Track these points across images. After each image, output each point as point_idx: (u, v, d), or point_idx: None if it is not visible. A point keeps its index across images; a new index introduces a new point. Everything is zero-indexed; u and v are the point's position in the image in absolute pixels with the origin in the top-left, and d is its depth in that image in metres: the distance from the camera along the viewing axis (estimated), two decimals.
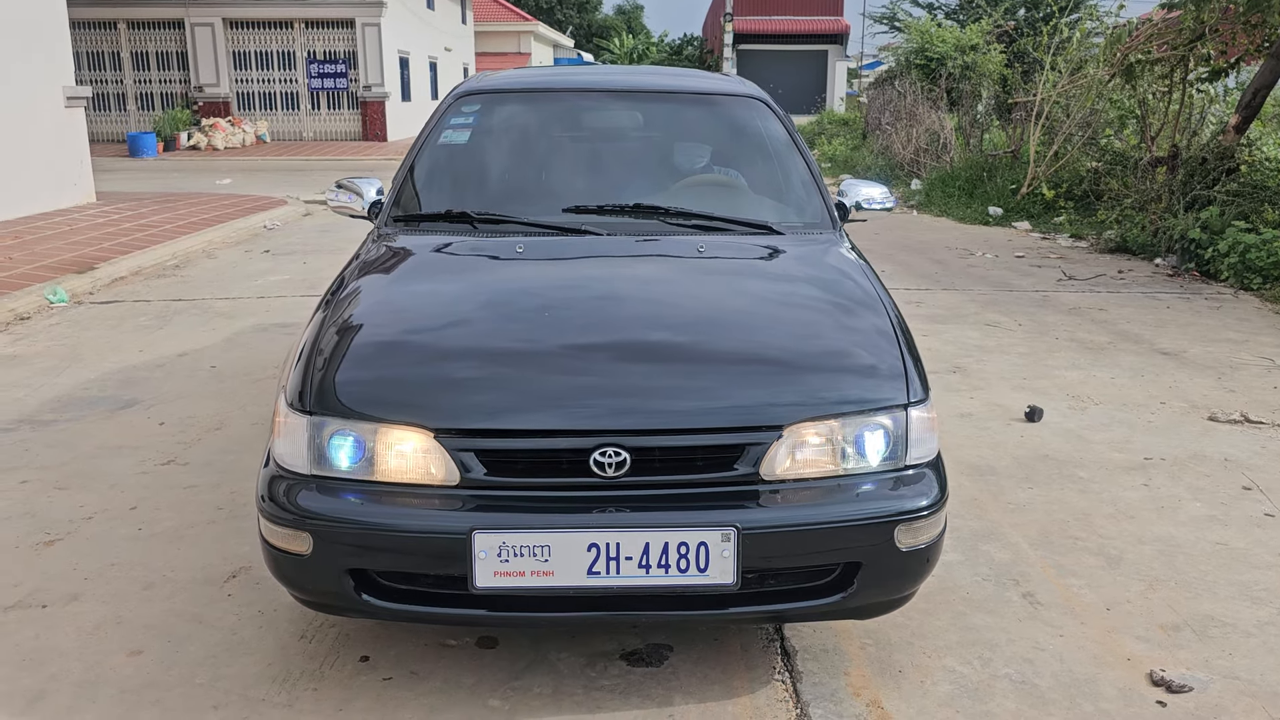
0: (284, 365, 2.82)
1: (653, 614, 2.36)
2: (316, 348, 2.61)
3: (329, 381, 2.48)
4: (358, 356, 2.56)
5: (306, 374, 2.52)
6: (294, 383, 2.53)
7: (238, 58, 24.67)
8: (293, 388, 2.52)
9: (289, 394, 2.51)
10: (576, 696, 2.55)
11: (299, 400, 2.46)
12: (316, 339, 2.64)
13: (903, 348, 2.65)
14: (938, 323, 6.57)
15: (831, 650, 2.75)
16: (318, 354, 2.58)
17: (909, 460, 2.48)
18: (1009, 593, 3.07)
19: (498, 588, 2.27)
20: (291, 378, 2.56)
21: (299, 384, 2.51)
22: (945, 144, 14.22)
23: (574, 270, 3.07)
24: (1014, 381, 5.28)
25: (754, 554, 2.30)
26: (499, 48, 39.61)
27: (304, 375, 2.52)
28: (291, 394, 2.50)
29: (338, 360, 2.54)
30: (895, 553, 2.39)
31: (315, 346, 2.61)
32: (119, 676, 2.64)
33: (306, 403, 2.45)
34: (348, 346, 2.59)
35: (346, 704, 2.52)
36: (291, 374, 2.58)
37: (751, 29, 40.58)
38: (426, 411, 2.38)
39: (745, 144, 3.86)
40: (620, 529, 2.27)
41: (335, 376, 2.49)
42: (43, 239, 9.41)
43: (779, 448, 2.38)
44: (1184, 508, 3.71)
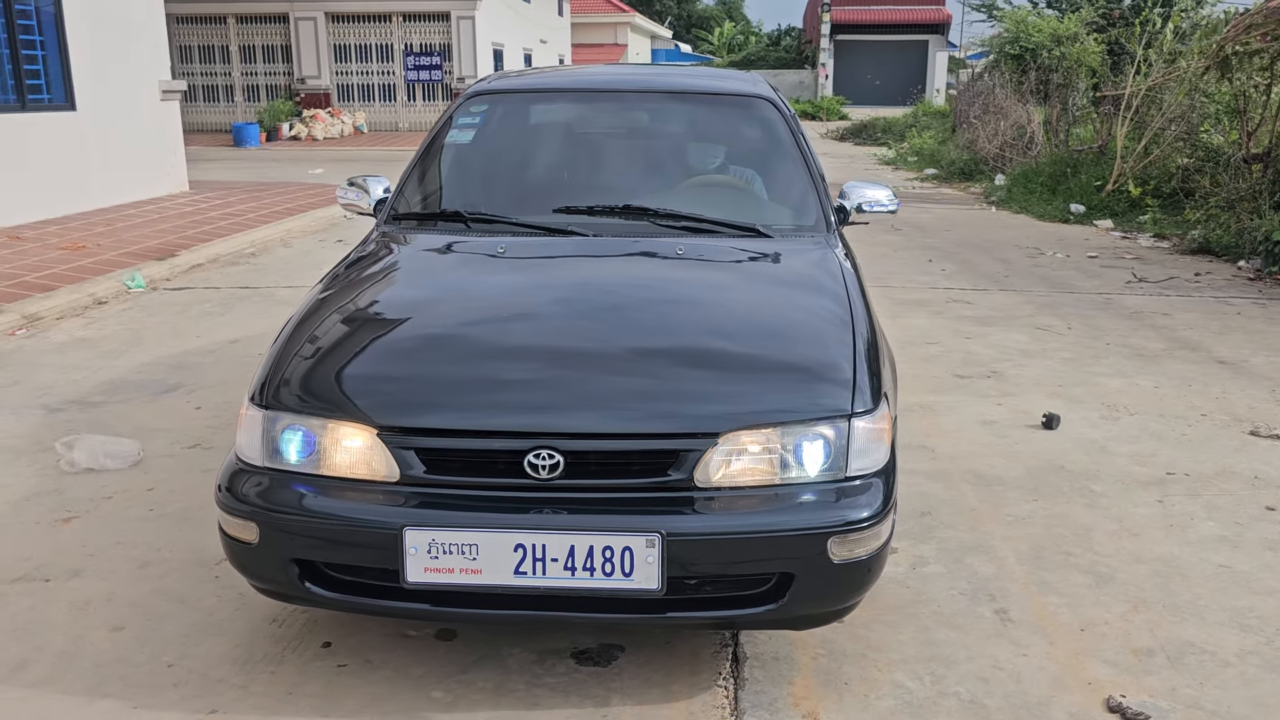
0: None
1: (579, 615, 2.39)
2: (280, 344, 2.71)
3: (283, 377, 2.57)
4: (312, 354, 2.65)
5: (267, 369, 2.62)
6: (257, 377, 2.63)
7: (338, 50, 25.40)
8: (255, 382, 2.62)
9: (252, 388, 2.62)
10: (518, 693, 2.59)
11: (258, 394, 2.57)
12: (281, 335, 2.74)
13: (857, 356, 2.61)
14: (985, 325, 6.40)
15: (782, 659, 2.74)
16: (280, 350, 2.68)
17: (851, 471, 2.44)
18: (982, 608, 3.00)
19: (427, 584, 2.33)
20: (257, 372, 2.66)
21: (260, 378, 2.61)
22: (1031, 138, 13.79)
23: (544, 272, 3.11)
24: (1049, 388, 5.12)
25: (680, 561, 2.31)
26: (595, 39, 39.84)
27: (265, 370, 2.62)
28: (254, 388, 2.60)
29: (293, 357, 2.63)
30: (828, 565, 2.36)
31: (279, 342, 2.71)
32: (96, 651, 2.79)
33: (263, 397, 2.54)
34: (304, 344, 2.68)
35: (297, 689, 2.61)
36: (258, 369, 2.68)
37: (850, 19, 39.96)
38: (370, 409, 2.45)
39: (746, 145, 3.84)
40: (546, 531, 2.30)
41: (289, 373, 2.59)
42: (132, 226, 9.88)
43: (714, 455, 2.38)
44: (1195, 527, 3.56)
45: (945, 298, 7.20)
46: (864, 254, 8.82)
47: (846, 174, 16.12)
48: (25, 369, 5.52)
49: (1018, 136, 14.11)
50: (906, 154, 18.59)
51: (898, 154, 19.00)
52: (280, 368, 2.61)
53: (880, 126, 24.18)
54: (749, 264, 3.19)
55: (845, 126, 26.48)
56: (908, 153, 18.67)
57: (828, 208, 3.57)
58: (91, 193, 10.67)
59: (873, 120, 25.18)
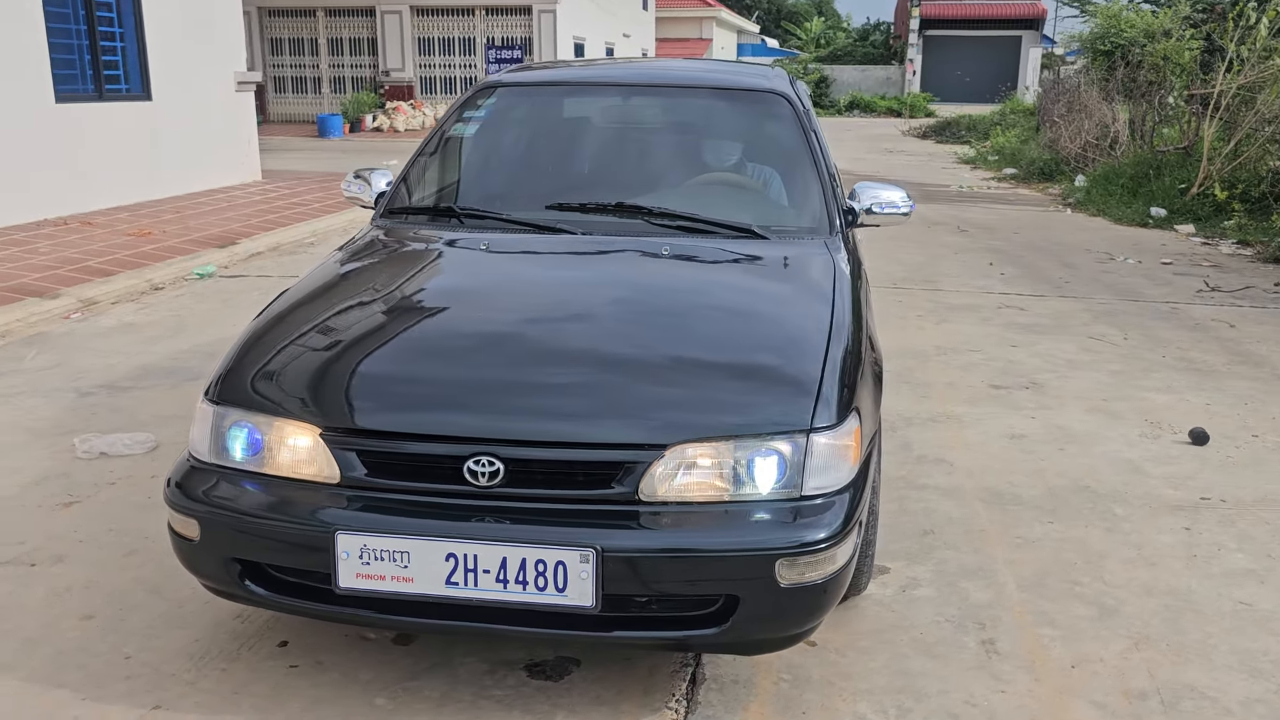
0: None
1: (513, 629, 2.30)
2: (239, 340, 2.68)
3: (234, 373, 2.54)
4: (265, 351, 2.61)
5: (222, 365, 2.59)
6: (214, 372, 2.61)
7: (422, 44, 25.76)
8: (212, 377, 2.59)
9: (208, 383, 2.59)
10: (462, 703, 2.52)
11: (211, 389, 2.54)
12: (243, 331, 2.71)
13: (827, 368, 2.46)
14: (1035, 334, 6.12)
15: (742, 682, 2.61)
16: (237, 346, 2.65)
17: (807, 490, 2.31)
18: (967, 637, 2.83)
19: (359, 589, 2.27)
20: (217, 368, 2.64)
21: (216, 374, 2.58)
22: (1115, 138, 13.24)
23: (517, 271, 3.03)
24: (1091, 402, 4.86)
25: (618, 578, 2.20)
26: (680, 34, 39.68)
27: (221, 366, 2.59)
28: (210, 383, 2.58)
29: (246, 353, 2.60)
30: (775, 589, 2.23)
31: (239, 338, 2.68)
32: (63, 639, 2.80)
33: (214, 392, 2.52)
34: (260, 340, 2.65)
35: (244, 688, 2.58)
36: (218, 364, 2.66)
37: (941, 14, 39.05)
38: (314, 409, 2.40)
39: (754, 142, 3.71)
40: (478, 541, 2.21)
41: (242, 369, 2.55)
42: (200, 214, 10.12)
43: (660, 468, 2.26)
44: (1221, 558, 3.31)
45: (998, 303, 6.92)
46: (923, 255, 8.62)
47: (920, 173, 15.73)
48: (69, 352, 5.66)
49: (1101, 136, 13.56)
50: (987, 153, 18.04)
51: (979, 153, 18.46)
52: (234, 364, 2.58)
53: (965, 124, 23.55)
54: (733, 267, 3.06)
55: (929, 124, 25.87)
56: (989, 151, 18.12)
57: (833, 209, 3.41)
58: (164, 181, 10.96)
59: (958, 118, 24.55)
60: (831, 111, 36.00)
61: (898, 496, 3.73)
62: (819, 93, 36.62)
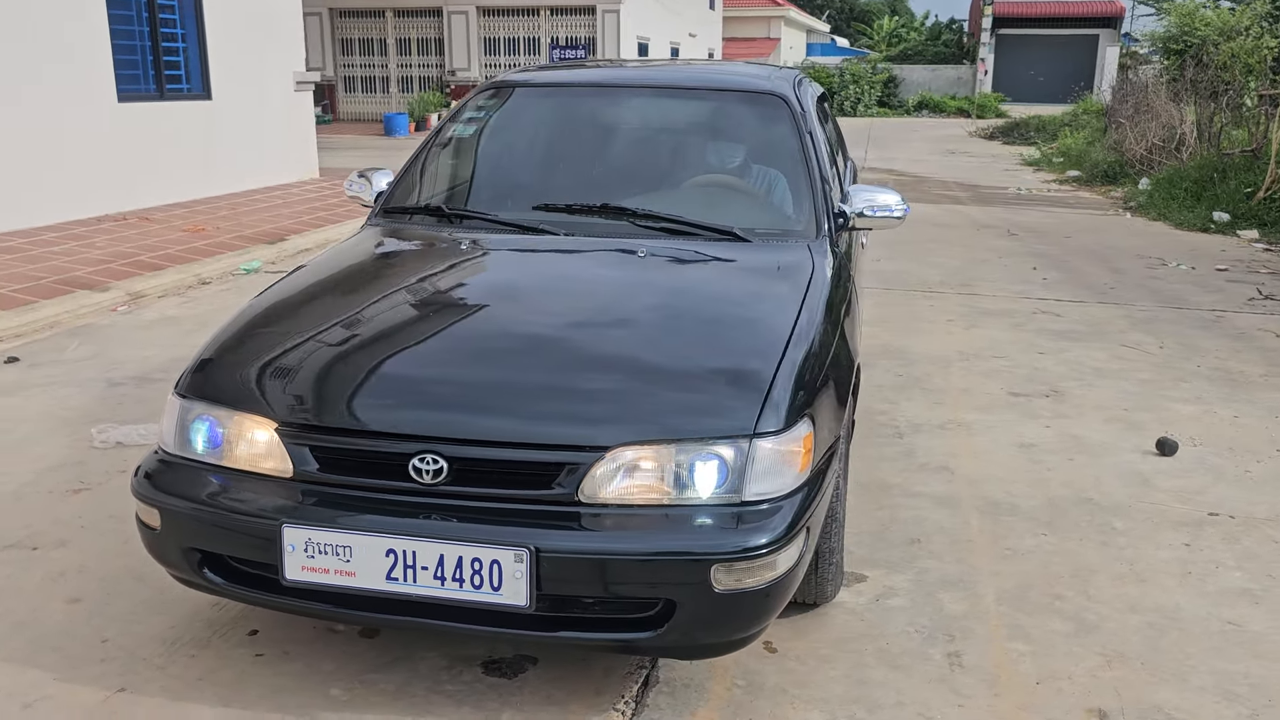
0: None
1: (452, 625, 2.32)
2: (211, 335, 2.75)
3: (201, 368, 2.61)
4: (233, 346, 2.67)
5: (193, 360, 2.67)
6: (186, 367, 2.68)
7: (488, 44, 26.06)
8: (183, 371, 2.67)
9: (179, 377, 2.66)
10: (415, 698, 2.55)
11: (179, 382, 2.61)
12: (217, 328, 2.78)
13: (780, 373, 2.44)
14: (1066, 340, 5.98)
15: (695, 686, 2.60)
16: (208, 341, 2.73)
17: (749, 495, 2.29)
18: (934, 649, 2.78)
19: (304, 582, 2.32)
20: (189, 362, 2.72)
21: (186, 368, 2.65)
22: (1181, 140, 12.84)
23: (487, 272, 3.06)
24: (1112, 412, 4.73)
25: (553, 578, 2.21)
26: (748, 33, 39.53)
27: (191, 361, 2.67)
28: (179, 377, 2.65)
29: (214, 348, 2.67)
30: (711, 594, 2.22)
31: (211, 335, 2.76)
32: (48, 621, 2.91)
33: (182, 386, 2.59)
34: (227, 336, 2.72)
35: (210, 674, 2.65)
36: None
37: (1016, 12, 38.24)
38: (271, 404, 2.46)
39: (747, 143, 3.69)
40: (417, 538, 2.24)
41: (207, 364, 2.62)
42: (254, 211, 10.37)
43: (601, 469, 2.27)
44: (1218, 576, 3.20)
45: (1033, 308, 6.77)
46: (964, 258, 8.47)
47: (979, 175, 15.44)
48: (109, 343, 5.86)
49: (1167, 138, 13.16)
50: (1053, 155, 17.62)
51: (1044, 155, 18.05)
52: (201, 359, 2.65)
53: (1034, 125, 23.04)
54: (705, 270, 3.05)
55: (997, 125, 25.37)
56: (1054, 154, 17.71)
57: (822, 212, 3.37)
58: (222, 178, 11.26)
59: (1027, 119, 24.03)
60: (900, 112, 35.49)
61: (890, 504, 3.68)
62: (887, 92, 36.14)
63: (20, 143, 8.66)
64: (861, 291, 3.93)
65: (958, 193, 13.43)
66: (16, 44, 8.56)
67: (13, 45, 8.52)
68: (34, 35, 8.74)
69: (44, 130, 8.89)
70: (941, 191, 13.54)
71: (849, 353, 2.96)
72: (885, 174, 15.75)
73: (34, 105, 8.76)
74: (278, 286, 3.05)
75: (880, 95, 35.74)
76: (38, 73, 8.79)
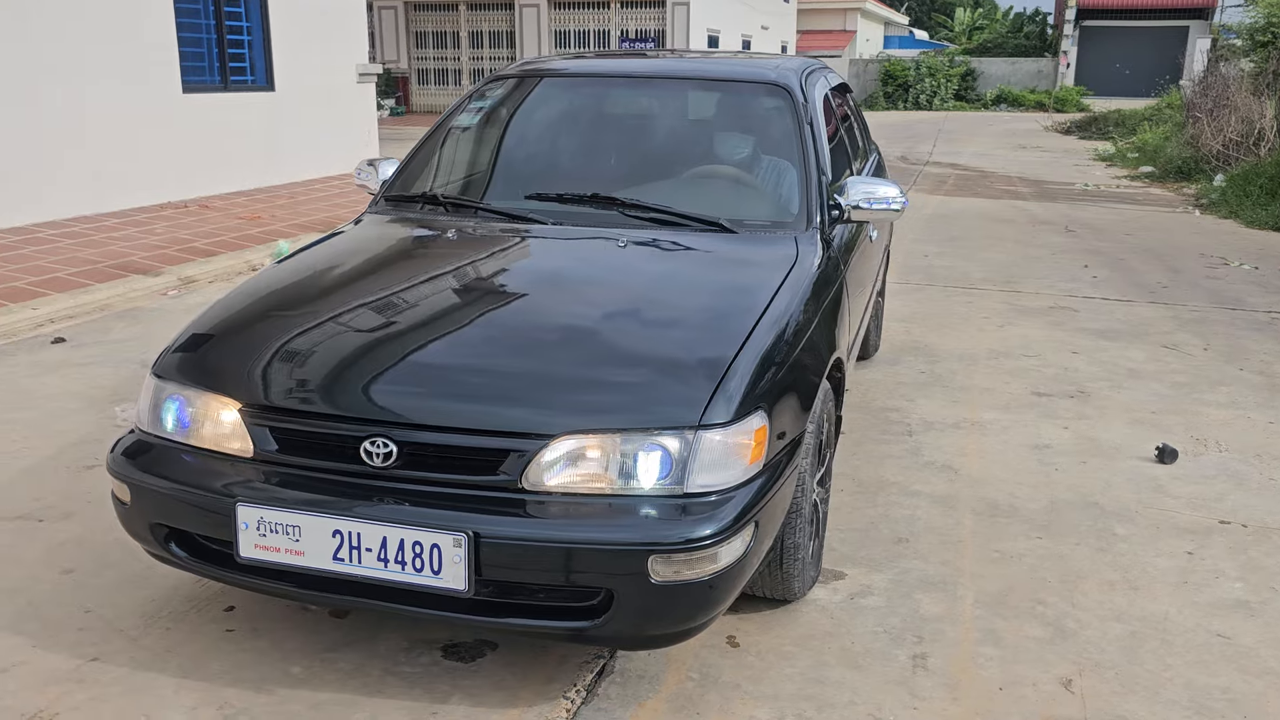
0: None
1: (395, 606, 2.34)
2: (194, 318, 2.82)
3: (176, 350, 2.68)
4: (208, 329, 2.74)
5: (171, 341, 2.74)
6: (165, 347, 2.75)
7: (558, 36, 26.19)
8: (162, 351, 2.74)
9: (157, 356, 2.74)
10: (370, 678, 2.58)
11: (156, 362, 2.68)
12: (202, 311, 2.85)
13: (735, 365, 2.41)
14: (1104, 339, 5.80)
15: (649, 678, 2.59)
16: (189, 324, 2.80)
17: (693, 487, 2.27)
18: (900, 651, 2.72)
19: (256, 560, 2.36)
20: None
21: (164, 348, 2.73)
22: (1260, 135, 12.34)
23: (459, 260, 3.08)
24: (1138, 414, 4.57)
25: (492, 564, 2.23)
26: (823, 25, 39.06)
27: (170, 342, 2.74)
28: (157, 357, 2.73)
29: (190, 331, 2.74)
30: (648, 585, 2.21)
31: (195, 317, 2.83)
32: (38, 590, 3.01)
33: (157, 366, 2.66)
34: (204, 319, 2.79)
35: (178, 647, 2.72)
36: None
37: (1101, 3, 37.13)
38: (235, 386, 2.51)
39: (747, 134, 3.65)
40: (363, 520, 2.27)
41: (184, 345, 2.69)
42: (311, 200, 10.60)
43: (545, 457, 2.27)
44: (1216, 586, 3.08)
45: (1077, 306, 6.58)
46: (1014, 255, 8.27)
47: (1046, 170, 15.06)
48: (154, 325, 6.04)
49: (1246, 133, 12.66)
50: (1128, 150, 17.09)
51: (1119, 150, 17.51)
52: (178, 341, 2.72)
53: (1113, 120, 22.33)
54: (682, 260, 3.02)
55: (1075, 119, 24.68)
56: (1129, 149, 17.16)
57: (814, 204, 3.32)
58: (283, 168, 11.52)
59: (1106, 113, 23.32)
60: (976, 105, 34.75)
61: (884, 502, 3.62)
62: (964, 86, 35.39)
63: (86, 132, 8.98)
64: (862, 286, 3.85)
65: (1020, 188, 13.11)
66: (83, 35, 8.86)
67: (80, 37, 8.83)
68: (101, 28, 9.05)
69: (110, 120, 9.20)
70: (1004, 187, 13.23)
71: (826, 347, 2.91)
72: (948, 168, 15.45)
73: (100, 96, 9.07)
74: (264, 273, 3.11)
75: (957, 89, 35.03)
76: (104, 64, 9.10)
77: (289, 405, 2.44)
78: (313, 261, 3.17)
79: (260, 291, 2.95)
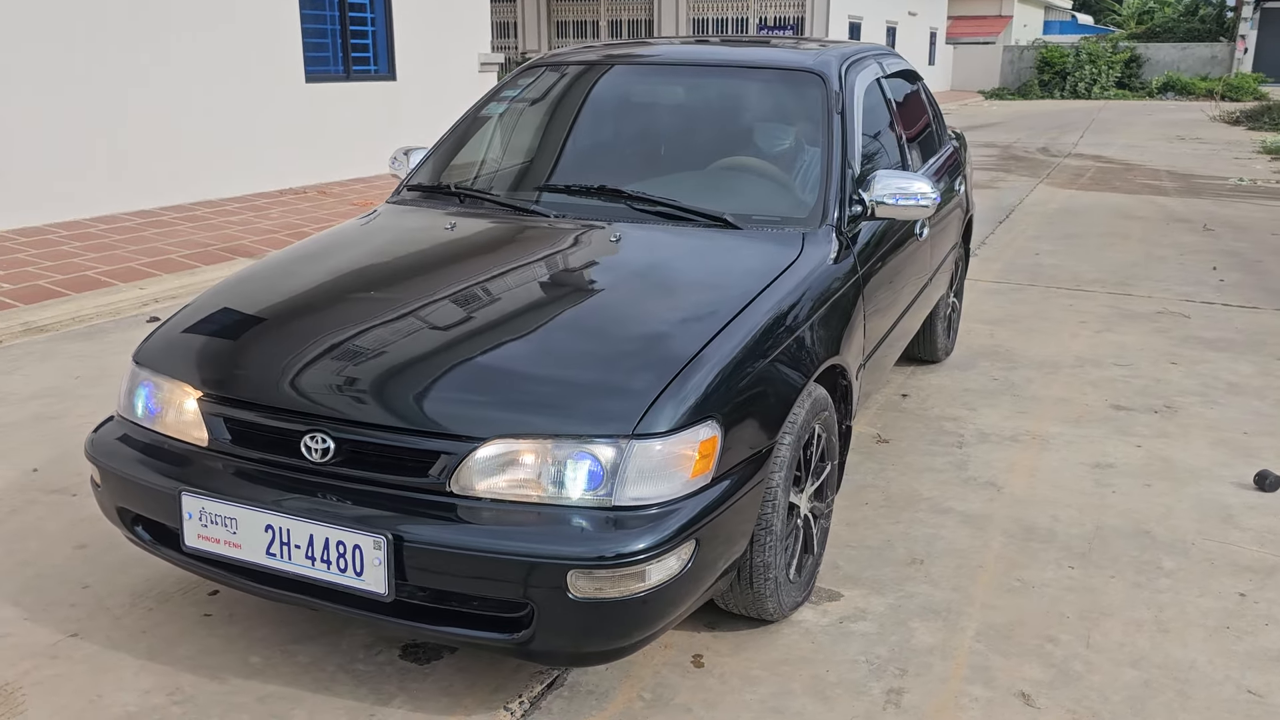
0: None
1: (325, 605, 2.30)
2: (182, 307, 2.86)
3: (156, 337, 2.73)
4: (183, 318, 2.77)
5: (155, 328, 2.79)
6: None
7: (696, 24, 26.04)
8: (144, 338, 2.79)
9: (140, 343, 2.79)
10: (323, 673, 2.56)
11: (137, 349, 2.73)
12: (191, 300, 2.89)
13: (681, 373, 2.27)
14: (1213, 350, 5.31)
15: (599, 694, 2.48)
16: (175, 312, 2.84)
17: (624, 499, 2.15)
18: (875, 684, 2.52)
19: (198, 549, 2.37)
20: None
21: (146, 336, 2.78)
22: None
23: (441, 255, 3.03)
24: (1226, 434, 4.15)
25: (415, 568, 2.16)
26: (975, 11, 37.55)
27: (152, 329, 2.79)
28: (140, 344, 2.78)
29: (170, 319, 2.78)
30: (567, 601, 2.10)
31: (182, 306, 2.87)
32: (49, 563, 3.12)
33: (137, 353, 2.71)
34: (185, 308, 2.83)
35: (154, 628, 2.76)
36: None
37: None
38: (196, 375, 2.52)
39: (775, 124, 3.47)
40: (293, 516, 2.24)
41: (162, 333, 2.73)
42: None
43: (475, 461, 2.19)
44: (1261, 635, 2.74)
45: (1190, 312, 6.06)
46: (1136, 254, 7.72)
47: (1200, 164, 14.05)
48: None
49: None
50: (1271, 145, 15.75)
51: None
52: (160, 328, 2.76)
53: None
54: (669, 257, 2.88)
55: (1245, 109, 22.94)
56: (1271, 145, 15.82)
57: (833, 200, 3.11)
58: None
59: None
60: (1140, 94, 32.77)
61: (908, 518, 3.38)
62: (1127, 73, 33.41)
63: (212, 119, 9.40)
64: (898, 287, 3.60)
65: (1165, 182, 12.24)
66: (211, 26, 9.27)
67: (207, 27, 9.24)
68: (227, 19, 9.45)
69: (234, 109, 9.62)
70: (1146, 180, 12.38)
71: (817, 353, 2.71)
72: (1090, 160, 14.59)
73: (226, 86, 9.49)
74: (258, 262, 3.13)
75: (1119, 76, 33.11)
76: (230, 55, 9.50)
77: (240, 397, 2.43)
78: (304, 252, 3.18)
79: (245, 281, 2.97)
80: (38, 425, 4.22)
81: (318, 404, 2.32)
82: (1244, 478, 3.73)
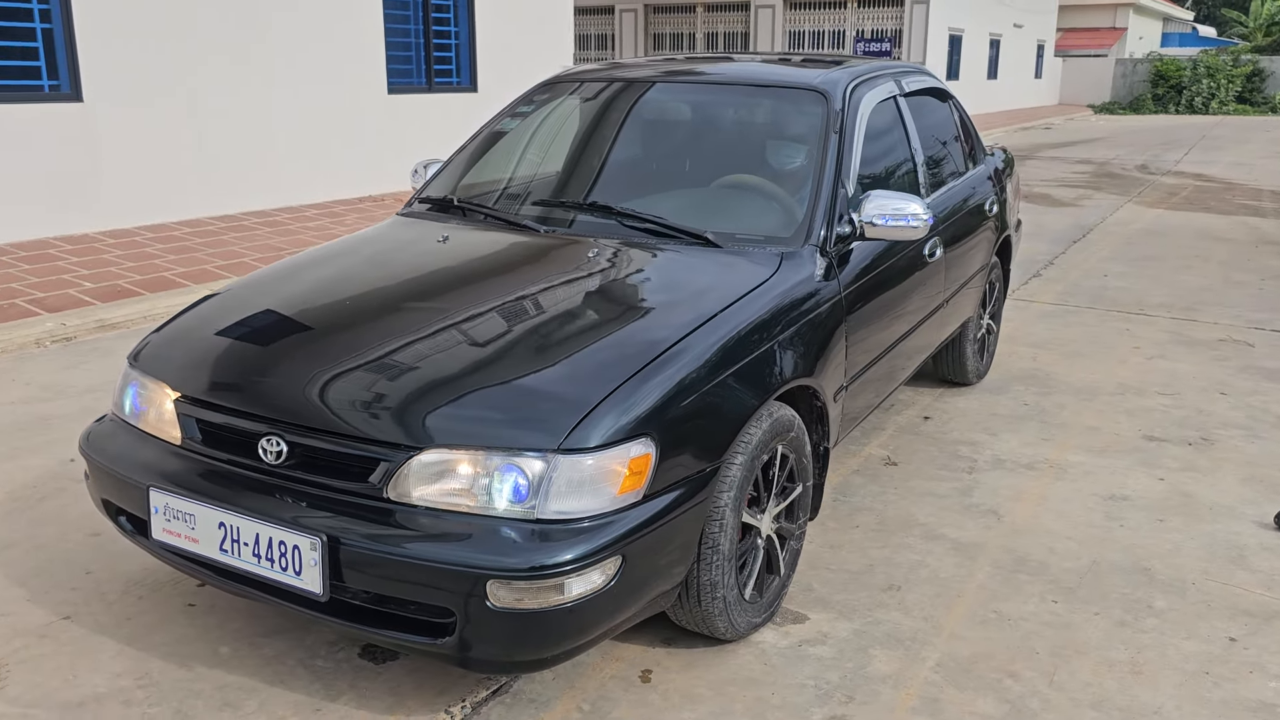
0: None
1: (272, 600, 2.39)
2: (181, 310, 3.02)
3: (146, 338, 2.87)
4: (175, 321, 2.91)
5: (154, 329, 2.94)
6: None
7: (793, 37, 25.92)
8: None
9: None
10: (283, 667, 2.65)
11: (132, 350, 2.88)
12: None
13: (618, 390, 2.29)
14: (1271, 380, 5.07)
15: (540, 702, 2.51)
16: (173, 316, 2.99)
17: (549, 513, 2.18)
18: (817, 710, 2.49)
19: (164, 543, 2.49)
20: None
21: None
22: None
23: (418, 266, 3.10)
24: (1261, 470, 3.96)
25: (349, 570, 2.24)
26: (1088, 22, 36.42)
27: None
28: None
29: (170, 321, 2.93)
30: (485, 611, 2.14)
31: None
32: (60, 549, 3.30)
33: (131, 353, 2.86)
34: (179, 312, 2.97)
35: (139, 615, 2.90)
36: None
37: None
38: (173, 376, 2.65)
39: (774, 142, 3.46)
40: (242, 515, 2.34)
41: (152, 335, 2.88)
42: None
43: (411, 469, 2.25)
44: (1242, 682, 2.62)
45: (1254, 340, 5.78)
46: (1210, 279, 7.43)
47: (1251, 174, 13.36)
48: None
49: None
50: None
51: None
52: (157, 330, 2.91)
53: None
54: (638, 274, 2.91)
55: None
56: None
57: (818, 220, 3.09)
58: None
59: None
60: (1263, 109, 31.31)
61: (896, 543, 3.33)
62: (1249, 87, 31.96)
63: (295, 128, 9.77)
64: (900, 309, 3.55)
65: (1265, 203, 11.68)
66: (300, 41, 9.65)
67: (293, 37, 9.62)
68: (313, 31, 9.82)
69: (319, 119, 9.97)
70: (1244, 201, 11.84)
71: (779, 374, 2.70)
72: (1189, 179, 14.01)
73: (311, 96, 9.85)
74: (263, 268, 3.26)
75: (1240, 90, 31.69)
76: (315, 67, 9.87)
77: (209, 398, 2.54)
78: (304, 259, 3.30)
79: (239, 287, 3.10)
80: (84, 418, 4.45)
81: (274, 407, 2.42)
82: (1268, 517, 3.56)
